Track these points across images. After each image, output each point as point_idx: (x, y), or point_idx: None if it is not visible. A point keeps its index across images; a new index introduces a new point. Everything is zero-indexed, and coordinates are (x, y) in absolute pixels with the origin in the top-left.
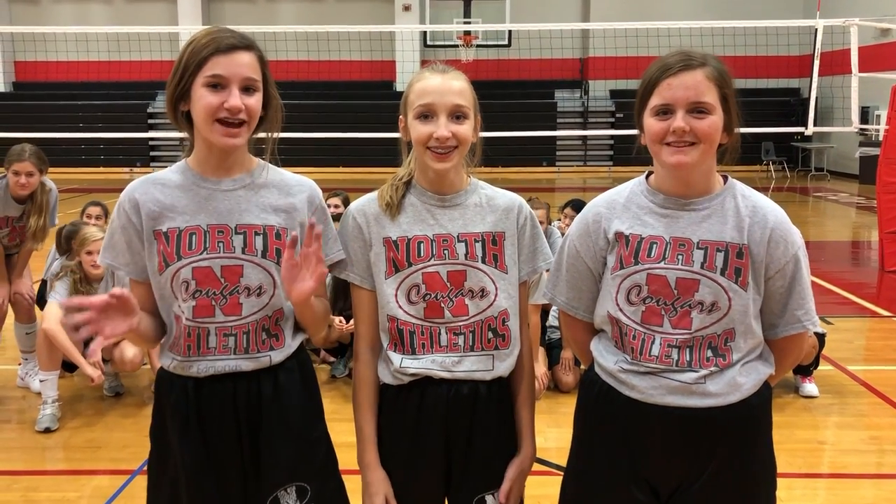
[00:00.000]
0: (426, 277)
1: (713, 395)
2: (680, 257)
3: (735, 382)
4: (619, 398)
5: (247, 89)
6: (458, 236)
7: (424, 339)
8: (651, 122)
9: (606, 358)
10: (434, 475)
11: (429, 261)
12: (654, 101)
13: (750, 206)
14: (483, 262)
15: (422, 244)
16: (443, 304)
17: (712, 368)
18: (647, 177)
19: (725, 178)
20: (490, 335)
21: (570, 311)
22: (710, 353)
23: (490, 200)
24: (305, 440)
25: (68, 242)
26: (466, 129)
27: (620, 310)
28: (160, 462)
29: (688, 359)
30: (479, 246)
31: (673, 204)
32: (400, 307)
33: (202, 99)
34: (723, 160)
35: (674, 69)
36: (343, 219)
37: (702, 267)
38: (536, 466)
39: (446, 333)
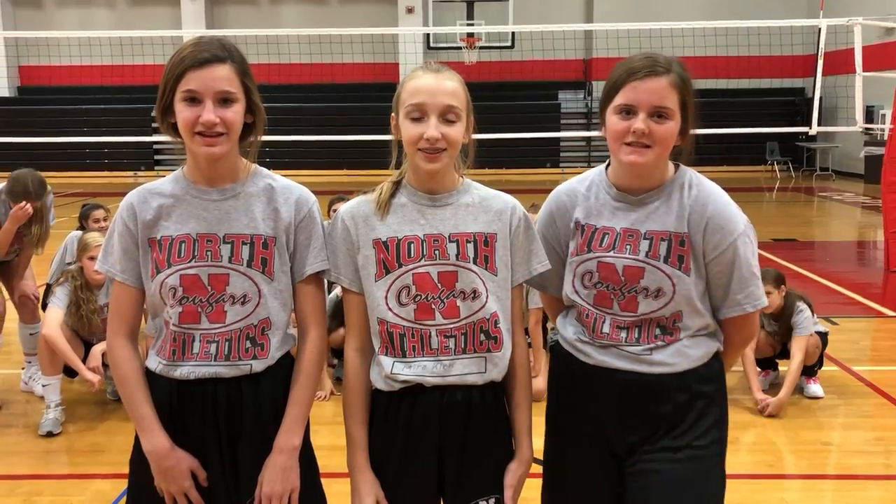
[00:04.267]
0: (416, 278)
1: (660, 363)
2: (628, 247)
3: (682, 352)
4: (577, 365)
5: (224, 101)
6: (449, 236)
7: (415, 341)
8: (613, 120)
9: (567, 330)
10: (427, 481)
11: (419, 261)
12: (619, 100)
13: (693, 196)
14: (474, 262)
15: (412, 244)
16: (434, 306)
17: (658, 343)
18: (606, 167)
19: (678, 167)
20: (482, 337)
21: (542, 289)
22: (658, 331)
23: (483, 201)
24: None
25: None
26: (457, 130)
27: (576, 292)
28: (145, 462)
29: (636, 336)
30: (470, 246)
31: (626, 199)
32: (390, 309)
33: (180, 113)
34: (678, 159)
35: (641, 74)
36: (332, 221)
37: (646, 256)
38: (536, 468)
39: (437, 336)
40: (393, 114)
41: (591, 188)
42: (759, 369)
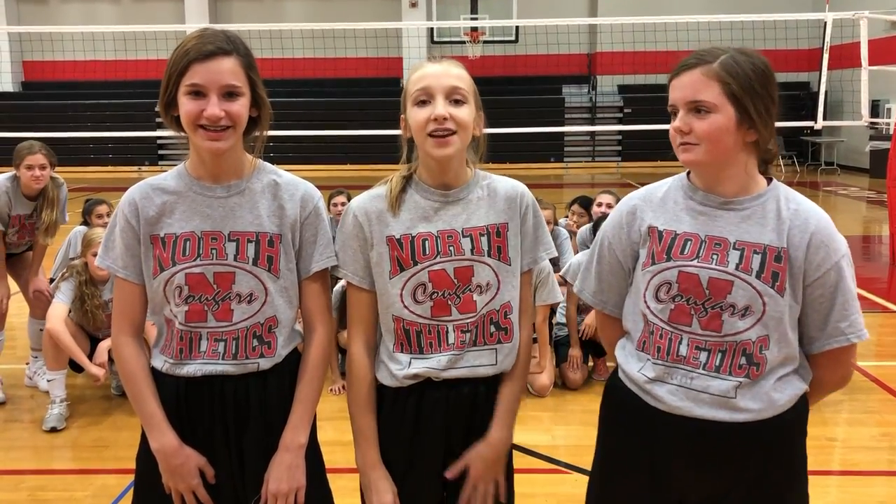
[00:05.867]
0: (433, 276)
1: (744, 409)
2: (715, 257)
3: (769, 398)
4: (644, 408)
5: (229, 94)
6: (462, 231)
7: (432, 337)
8: (670, 125)
9: (630, 364)
10: (433, 476)
11: (435, 258)
12: (670, 101)
13: (792, 209)
14: (489, 255)
15: (426, 242)
16: (450, 302)
17: (742, 379)
18: (688, 174)
19: (770, 180)
20: (492, 329)
21: (599, 306)
22: (743, 361)
23: (492, 191)
24: None
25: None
26: (465, 112)
27: (648, 307)
28: (152, 459)
29: (717, 363)
30: (484, 239)
31: (711, 202)
32: (406, 307)
33: (183, 107)
34: (767, 161)
35: (677, 70)
36: (343, 216)
37: (737, 268)
38: (545, 465)
39: (454, 331)
40: (402, 115)
41: (669, 192)
42: None
